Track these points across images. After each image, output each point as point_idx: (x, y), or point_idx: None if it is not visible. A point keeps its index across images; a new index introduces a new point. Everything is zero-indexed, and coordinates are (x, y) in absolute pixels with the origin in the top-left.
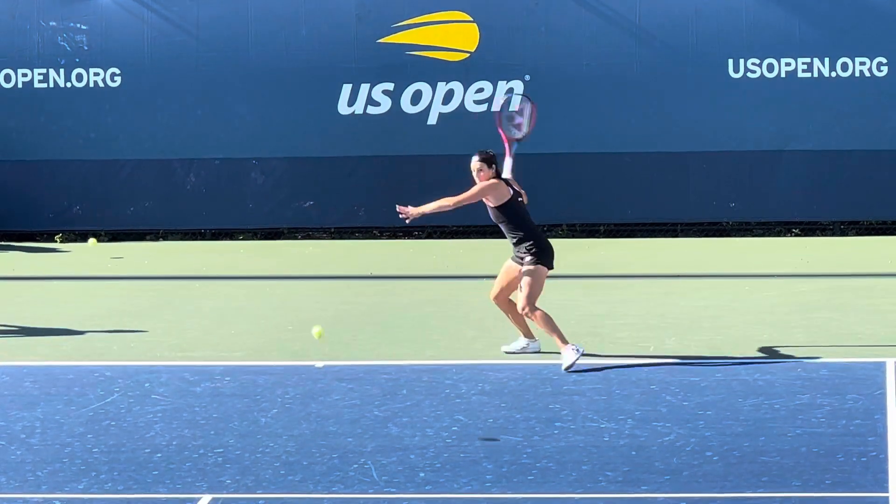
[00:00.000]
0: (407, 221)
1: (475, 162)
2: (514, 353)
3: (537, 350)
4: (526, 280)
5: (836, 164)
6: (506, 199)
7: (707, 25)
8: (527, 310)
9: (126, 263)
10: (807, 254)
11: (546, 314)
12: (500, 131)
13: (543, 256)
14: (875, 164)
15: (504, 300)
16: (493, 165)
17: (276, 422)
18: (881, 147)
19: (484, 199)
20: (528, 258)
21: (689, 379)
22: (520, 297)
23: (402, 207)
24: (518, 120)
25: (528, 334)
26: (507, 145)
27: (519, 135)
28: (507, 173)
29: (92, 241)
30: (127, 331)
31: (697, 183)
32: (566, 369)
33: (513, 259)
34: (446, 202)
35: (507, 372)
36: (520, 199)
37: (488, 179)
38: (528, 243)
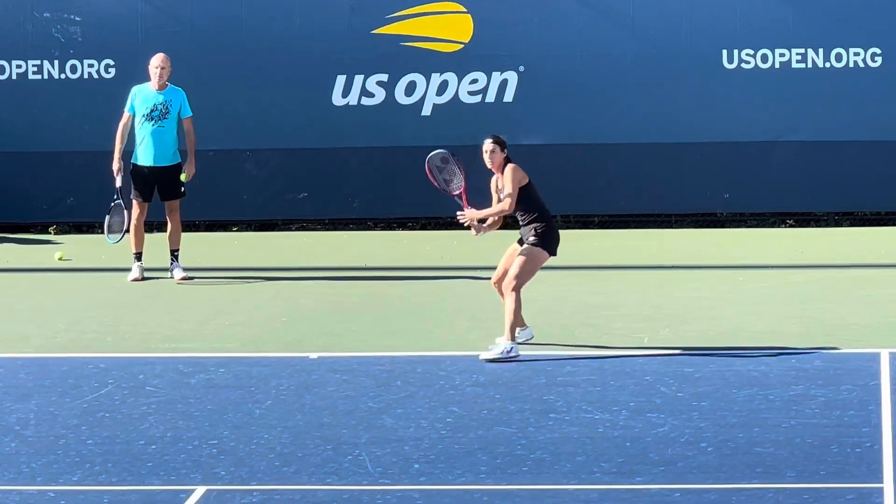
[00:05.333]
0: (466, 223)
1: (490, 144)
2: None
3: (530, 337)
4: (521, 259)
5: (830, 154)
6: (526, 182)
7: (701, 16)
8: (510, 286)
9: (120, 255)
10: (801, 245)
11: (519, 302)
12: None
13: (547, 240)
14: (869, 155)
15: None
16: (505, 148)
17: (271, 413)
18: (875, 138)
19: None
20: (531, 238)
21: (683, 370)
22: (510, 273)
23: (462, 213)
24: (448, 177)
25: (521, 323)
26: (460, 198)
27: (457, 188)
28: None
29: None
30: (121, 323)
31: (691, 174)
32: (482, 359)
33: (518, 241)
34: (503, 209)
35: (501, 363)
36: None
37: (501, 161)
38: (538, 224)
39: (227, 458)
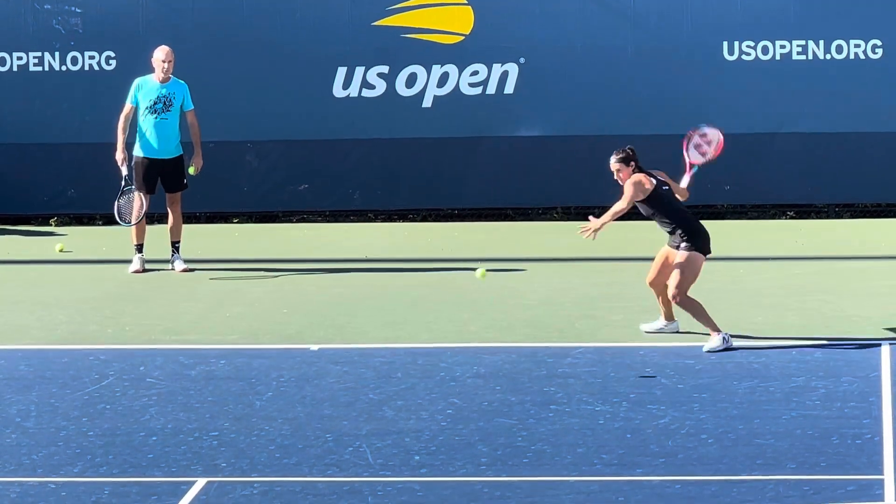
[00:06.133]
0: (594, 238)
1: (613, 163)
2: (651, 332)
3: (675, 330)
4: (678, 267)
5: (830, 146)
6: (649, 193)
7: (702, 8)
8: (677, 298)
9: (121, 247)
10: (801, 236)
11: (696, 303)
12: (685, 153)
13: (698, 242)
14: (869, 147)
15: (659, 284)
16: (631, 161)
17: (271, 405)
18: (876, 129)
19: None
20: (682, 245)
21: (684, 361)
22: (671, 284)
23: (585, 227)
24: (704, 148)
25: (669, 317)
26: (687, 167)
27: (701, 161)
28: (683, 185)
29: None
30: (121, 314)
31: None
32: (706, 350)
33: (668, 245)
34: (618, 210)
35: (501, 355)
36: (665, 187)
37: (629, 177)
38: (681, 230)
39: (228, 449)
